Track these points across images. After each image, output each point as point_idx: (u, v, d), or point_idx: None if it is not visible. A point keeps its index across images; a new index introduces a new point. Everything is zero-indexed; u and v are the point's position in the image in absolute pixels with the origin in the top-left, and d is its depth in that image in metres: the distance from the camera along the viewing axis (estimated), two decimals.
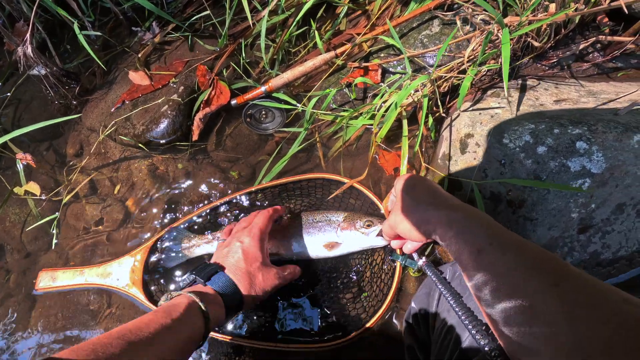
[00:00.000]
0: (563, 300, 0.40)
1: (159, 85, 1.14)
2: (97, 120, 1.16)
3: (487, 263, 0.48)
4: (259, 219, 0.84)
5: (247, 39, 1.17)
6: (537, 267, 0.45)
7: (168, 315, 0.62)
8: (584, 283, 0.42)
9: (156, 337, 0.58)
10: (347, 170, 1.03)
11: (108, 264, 0.98)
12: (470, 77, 0.86)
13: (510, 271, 0.46)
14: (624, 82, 0.96)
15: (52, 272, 1.00)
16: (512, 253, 0.47)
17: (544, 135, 0.74)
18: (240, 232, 0.82)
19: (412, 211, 0.63)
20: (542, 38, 0.94)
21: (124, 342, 0.54)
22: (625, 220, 0.78)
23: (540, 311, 0.41)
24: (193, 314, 0.65)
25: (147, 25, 1.25)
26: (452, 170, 0.89)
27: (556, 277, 0.43)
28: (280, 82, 1.06)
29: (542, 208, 0.74)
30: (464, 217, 0.55)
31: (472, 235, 0.52)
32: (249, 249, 0.78)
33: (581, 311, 0.39)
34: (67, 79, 1.21)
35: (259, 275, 0.77)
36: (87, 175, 1.13)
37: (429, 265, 0.72)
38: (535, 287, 0.43)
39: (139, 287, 0.93)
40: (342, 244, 0.87)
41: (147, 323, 0.59)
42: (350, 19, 1.16)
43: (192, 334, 0.63)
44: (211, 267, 0.76)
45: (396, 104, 0.88)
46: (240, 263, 0.76)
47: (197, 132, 1.09)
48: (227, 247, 0.81)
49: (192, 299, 0.66)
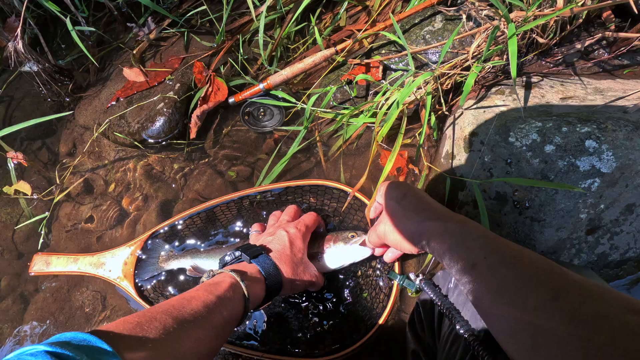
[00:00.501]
0: (564, 315, 0.38)
1: (154, 83, 1.11)
2: (90, 117, 1.13)
3: (482, 278, 0.46)
4: (307, 216, 0.85)
5: (245, 35, 1.14)
6: (535, 280, 0.43)
7: (210, 293, 0.62)
8: (585, 293, 0.40)
9: (198, 314, 0.58)
10: (347, 168, 1.01)
11: (102, 253, 0.97)
12: (474, 73, 0.84)
13: (507, 286, 0.44)
14: (631, 79, 0.94)
15: (46, 256, 0.99)
16: (508, 267, 0.45)
17: (552, 133, 0.72)
18: (287, 223, 0.83)
19: (403, 222, 0.61)
20: (547, 34, 0.92)
21: (167, 316, 0.55)
22: (635, 221, 0.76)
23: (542, 328, 0.39)
24: (235, 294, 0.65)
25: (142, 21, 1.22)
26: (456, 170, 0.87)
27: (555, 291, 0.40)
28: (279, 79, 1.03)
29: (550, 209, 0.72)
30: (458, 230, 0.53)
31: (466, 249, 0.50)
32: (295, 239, 0.79)
33: (584, 327, 0.37)
34: (60, 75, 1.18)
35: (300, 266, 0.77)
36: (81, 174, 1.10)
37: (427, 282, 0.70)
38: (534, 303, 0.41)
39: (131, 280, 0.92)
40: (326, 261, 0.85)
41: (189, 300, 0.59)
42: (351, 15, 1.13)
43: (232, 313, 0.63)
44: (256, 248, 0.76)
45: (398, 102, 0.85)
46: (286, 250, 0.76)
47: (194, 129, 1.06)
48: (271, 235, 0.80)
49: (235, 279, 0.66)
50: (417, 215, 0.60)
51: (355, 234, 0.85)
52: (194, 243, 0.96)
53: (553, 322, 0.38)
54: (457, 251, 0.51)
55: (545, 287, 0.41)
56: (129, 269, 0.93)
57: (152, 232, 0.96)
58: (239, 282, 0.66)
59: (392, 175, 0.98)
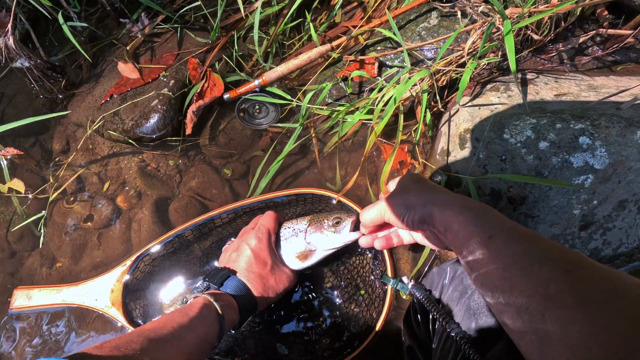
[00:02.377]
0: (575, 286, 0.39)
1: (148, 79, 1.10)
2: (84, 114, 1.12)
3: (497, 249, 0.47)
4: (265, 220, 0.83)
5: (239, 31, 1.13)
6: (548, 254, 0.44)
7: (185, 315, 0.64)
8: (597, 271, 0.41)
9: (174, 334, 0.60)
10: (343, 165, 1.01)
11: (86, 282, 0.93)
12: (470, 70, 0.84)
13: (521, 258, 0.45)
14: (624, 76, 0.95)
15: (27, 290, 0.94)
16: (523, 240, 0.47)
17: (546, 130, 0.73)
18: (248, 234, 0.81)
19: (416, 191, 0.62)
20: (542, 31, 0.92)
21: (144, 339, 0.56)
22: (627, 217, 0.77)
23: (554, 297, 0.39)
24: (209, 313, 0.66)
25: (135, 17, 1.21)
26: (451, 166, 0.87)
27: (567, 265, 0.42)
28: (274, 76, 1.02)
29: (544, 205, 0.73)
30: (474, 205, 0.55)
31: (485, 222, 0.51)
32: (259, 252, 0.78)
33: (595, 299, 0.38)
34: (53, 72, 1.17)
35: (270, 279, 0.77)
36: (75, 172, 1.09)
37: (417, 287, 0.71)
38: (547, 274, 0.42)
39: (119, 308, 0.88)
40: (315, 250, 0.83)
41: (165, 322, 0.61)
42: (346, 11, 1.13)
43: (208, 332, 0.65)
44: (223, 272, 0.76)
45: (395, 98, 0.85)
46: (252, 267, 0.76)
47: (190, 125, 1.06)
48: (235, 251, 0.80)
49: (207, 299, 0.68)
50: (430, 190, 0.61)
51: (339, 218, 0.81)
52: (186, 270, 0.93)
53: (564, 293, 0.39)
54: (474, 223, 0.51)
55: (559, 261, 0.43)
56: (116, 296, 0.89)
57: (138, 254, 0.92)
58: (212, 302, 0.67)
59: (396, 170, 0.98)
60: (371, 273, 0.88)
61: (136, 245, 1.00)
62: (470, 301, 0.59)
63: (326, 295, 0.89)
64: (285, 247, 0.84)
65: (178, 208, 1.02)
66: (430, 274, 0.74)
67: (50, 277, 1.02)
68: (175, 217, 1.01)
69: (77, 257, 1.03)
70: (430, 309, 0.63)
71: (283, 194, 0.95)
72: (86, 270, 1.01)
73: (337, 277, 0.90)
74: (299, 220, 0.86)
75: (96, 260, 1.01)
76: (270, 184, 1.01)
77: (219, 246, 0.94)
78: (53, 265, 1.03)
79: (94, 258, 1.02)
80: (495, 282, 0.46)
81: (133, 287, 0.91)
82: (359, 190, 0.99)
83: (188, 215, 1.00)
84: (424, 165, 0.94)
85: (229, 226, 0.96)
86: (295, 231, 0.84)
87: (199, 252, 0.95)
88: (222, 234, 0.96)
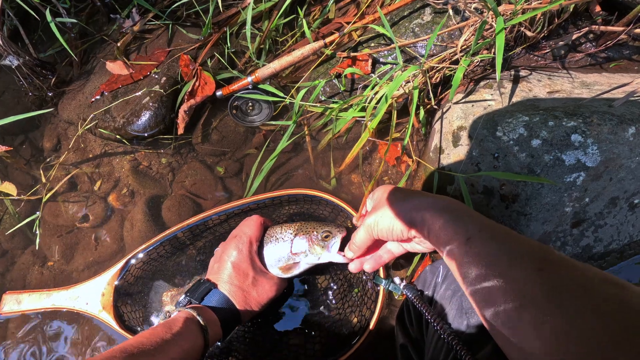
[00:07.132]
0: (547, 284, 0.41)
1: (139, 76, 1.08)
2: (74, 112, 1.10)
3: (476, 251, 0.48)
4: (247, 227, 0.80)
5: (232, 27, 1.12)
6: (522, 253, 0.45)
7: (168, 330, 0.63)
8: (569, 267, 0.42)
9: (158, 349, 0.59)
10: (336, 161, 1.01)
11: (76, 286, 0.92)
12: (463, 67, 0.84)
13: (497, 258, 0.46)
14: (617, 73, 0.95)
15: (17, 294, 0.93)
16: (499, 241, 0.48)
17: (539, 127, 0.73)
18: (229, 243, 0.79)
19: (400, 203, 0.62)
20: (535, 28, 0.92)
21: (126, 355, 0.55)
22: (618, 214, 0.77)
23: (528, 296, 0.41)
24: (192, 327, 0.66)
25: (126, 13, 1.19)
26: (444, 164, 0.87)
27: (540, 263, 0.43)
28: (267, 73, 1.02)
29: (536, 202, 0.73)
30: (454, 207, 0.55)
31: (462, 223, 0.52)
32: (239, 264, 0.76)
33: (567, 295, 0.39)
34: (42, 69, 1.15)
35: (252, 291, 0.76)
36: (66, 171, 1.08)
37: (409, 287, 0.71)
38: (520, 273, 0.43)
39: (110, 312, 0.87)
40: (299, 262, 0.79)
41: (148, 337, 0.60)
42: (339, 7, 1.12)
43: (192, 346, 0.64)
44: (205, 286, 0.75)
45: (387, 96, 0.85)
46: (232, 280, 0.75)
47: (182, 125, 1.05)
48: (217, 262, 0.78)
49: (190, 313, 0.67)
50: (413, 196, 0.61)
51: (329, 232, 0.77)
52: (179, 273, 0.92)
53: (537, 292, 0.40)
54: (453, 225, 0.52)
55: (532, 259, 0.44)
56: (107, 299, 0.88)
57: (129, 257, 0.91)
58: (195, 316, 0.67)
59: (393, 166, 0.98)
60: (363, 274, 0.88)
61: (129, 244, 0.99)
62: (462, 300, 0.59)
63: (319, 295, 0.89)
64: (269, 257, 0.80)
65: (171, 206, 1.01)
66: (423, 272, 0.74)
67: (42, 277, 1.01)
68: (168, 215, 1.00)
69: (68, 257, 1.02)
70: (421, 310, 0.63)
71: (275, 195, 0.93)
72: (78, 270, 1.00)
73: (329, 277, 0.90)
74: (284, 229, 0.82)
75: (89, 259, 1.01)
76: (264, 182, 1.00)
77: (211, 247, 0.94)
78: (45, 264, 1.02)
79: (86, 257, 1.01)
80: (474, 283, 0.47)
81: (124, 290, 0.91)
82: (353, 188, 0.99)
83: (181, 213, 0.99)
84: (417, 162, 0.94)
85: (221, 227, 0.95)
86: (279, 241, 0.80)
87: (192, 253, 0.95)
88: (214, 234, 0.95)
